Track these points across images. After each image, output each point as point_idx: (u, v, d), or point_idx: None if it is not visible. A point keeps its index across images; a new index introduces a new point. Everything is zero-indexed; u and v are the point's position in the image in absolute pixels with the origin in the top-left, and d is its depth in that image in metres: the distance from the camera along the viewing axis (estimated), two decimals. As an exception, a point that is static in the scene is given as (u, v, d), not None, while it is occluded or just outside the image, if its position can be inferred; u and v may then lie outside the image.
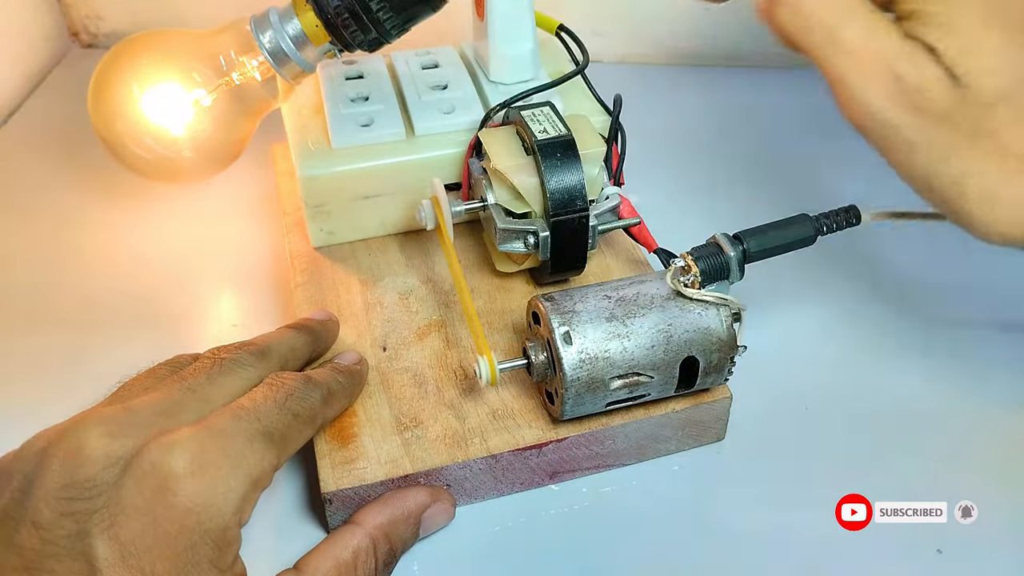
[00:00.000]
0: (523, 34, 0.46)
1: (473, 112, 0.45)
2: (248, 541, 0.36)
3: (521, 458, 0.37)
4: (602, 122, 0.45)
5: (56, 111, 0.62)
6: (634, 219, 0.42)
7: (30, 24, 0.66)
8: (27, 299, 0.48)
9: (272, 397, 0.31)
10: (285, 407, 0.31)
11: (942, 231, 0.45)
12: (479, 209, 0.42)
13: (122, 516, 0.26)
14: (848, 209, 0.39)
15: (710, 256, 0.37)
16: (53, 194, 0.55)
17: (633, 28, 0.68)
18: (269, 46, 0.43)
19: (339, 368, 0.36)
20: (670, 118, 0.62)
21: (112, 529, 0.26)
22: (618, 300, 0.36)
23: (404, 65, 0.49)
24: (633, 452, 0.39)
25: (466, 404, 0.38)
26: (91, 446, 0.27)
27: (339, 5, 0.40)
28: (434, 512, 0.35)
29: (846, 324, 0.46)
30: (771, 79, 0.67)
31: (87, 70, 0.46)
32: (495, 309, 0.42)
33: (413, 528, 0.34)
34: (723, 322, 0.36)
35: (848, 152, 0.59)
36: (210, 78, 0.45)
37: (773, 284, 0.46)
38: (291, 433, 0.31)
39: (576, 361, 0.35)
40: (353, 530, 0.32)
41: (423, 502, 0.34)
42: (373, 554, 0.32)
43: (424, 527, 0.35)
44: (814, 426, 0.41)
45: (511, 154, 0.40)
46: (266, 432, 0.30)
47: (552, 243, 0.40)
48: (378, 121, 0.45)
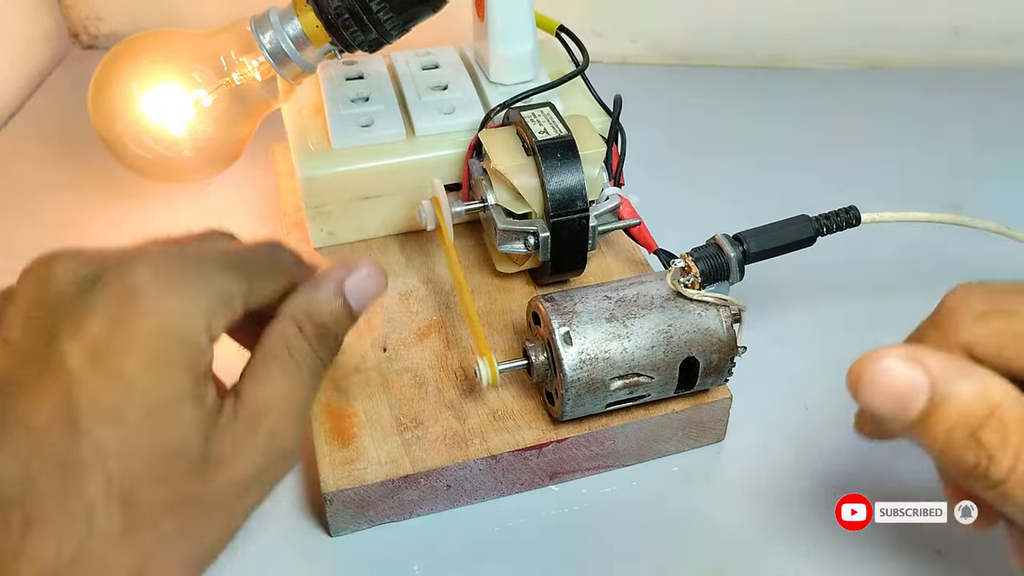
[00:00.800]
0: (523, 35, 0.46)
1: (473, 113, 0.45)
2: (248, 541, 0.36)
3: (521, 459, 0.37)
4: (602, 123, 0.45)
5: (56, 112, 0.62)
6: (634, 220, 0.42)
7: (30, 25, 0.66)
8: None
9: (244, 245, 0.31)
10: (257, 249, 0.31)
11: (942, 231, 0.45)
12: (479, 210, 0.42)
13: (89, 321, 0.25)
14: (848, 209, 0.39)
15: (710, 257, 0.37)
16: (54, 194, 0.55)
17: (633, 29, 0.68)
18: (269, 46, 0.43)
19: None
20: (670, 119, 0.62)
21: (80, 333, 0.25)
22: (618, 301, 0.36)
23: (404, 66, 0.49)
24: (633, 453, 0.39)
25: (466, 405, 0.38)
26: (61, 268, 0.27)
27: (339, 5, 0.40)
28: (356, 281, 0.31)
29: (846, 324, 0.46)
30: (771, 79, 0.67)
31: (87, 71, 0.46)
32: (495, 310, 0.42)
33: (338, 301, 0.31)
34: (723, 323, 0.36)
35: (848, 152, 0.59)
36: (210, 78, 0.45)
37: (773, 284, 0.46)
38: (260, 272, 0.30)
39: (576, 362, 0.35)
40: (272, 324, 0.30)
41: (337, 276, 0.31)
42: (297, 333, 0.30)
43: (355, 299, 0.31)
44: (814, 426, 0.41)
45: (511, 155, 0.40)
46: (235, 263, 0.29)
47: (552, 244, 0.40)
48: (378, 121, 0.45)
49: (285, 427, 0.28)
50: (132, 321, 0.26)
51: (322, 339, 0.30)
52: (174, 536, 0.25)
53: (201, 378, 0.26)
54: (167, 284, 0.26)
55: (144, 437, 0.25)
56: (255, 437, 0.27)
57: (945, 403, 0.24)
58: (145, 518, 0.25)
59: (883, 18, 0.67)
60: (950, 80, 0.66)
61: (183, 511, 0.26)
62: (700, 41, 0.68)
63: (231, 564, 0.36)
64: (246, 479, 0.27)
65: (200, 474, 0.26)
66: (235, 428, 0.27)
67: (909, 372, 0.24)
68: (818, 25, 0.67)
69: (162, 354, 0.26)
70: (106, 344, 0.25)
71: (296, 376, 0.29)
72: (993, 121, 0.62)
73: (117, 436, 0.25)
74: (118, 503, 0.24)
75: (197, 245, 0.30)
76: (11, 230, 0.52)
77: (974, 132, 0.61)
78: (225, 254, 0.29)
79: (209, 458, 0.26)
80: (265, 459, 0.28)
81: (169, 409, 0.25)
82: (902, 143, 0.60)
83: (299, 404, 0.29)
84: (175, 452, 0.25)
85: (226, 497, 0.27)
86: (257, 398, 0.28)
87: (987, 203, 0.54)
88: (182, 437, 0.26)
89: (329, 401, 0.38)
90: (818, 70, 0.68)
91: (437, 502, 0.37)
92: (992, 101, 0.64)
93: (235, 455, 0.27)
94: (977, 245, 0.49)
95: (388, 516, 0.36)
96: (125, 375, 0.25)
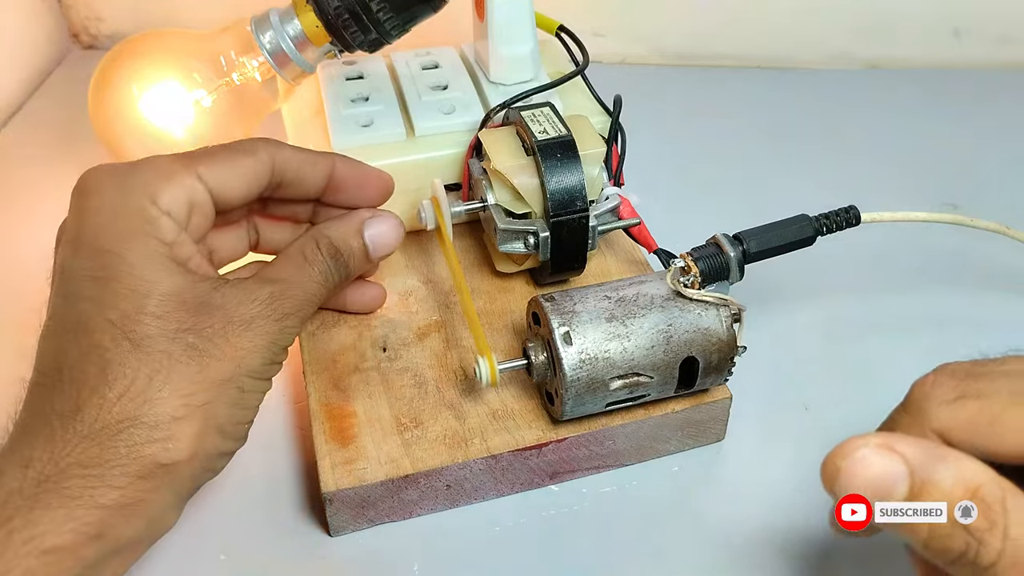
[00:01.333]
0: (523, 35, 0.46)
1: (473, 112, 0.45)
2: (248, 541, 0.36)
3: (521, 458, 0.37)
4: (602, 122, 0.45)
5: (57, 112, 0.62)
6: (634, 219, 0.42)
7: (31, 25, 0.66)
8: (28, 300, 0.48)
9: None
10: (215, 146, 0.36)
11: (942, 231, 0.45)
12: (479, 209, 0.42)
13: (67, 225, 0.33)
14: (848, 209, 0.39)
15: (710, 256, 0.37)
16: (54, 195, 0.55)
17: (633, 29, 0.68)
18: (269, 47, 0.43)
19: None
20: (670, 119, 0.62)
21: (63, 237, 0.33)
22: (618, 300, 0.36)
23: (404, 66, 0.49)
24: (633, 452, 0.39)
25: (466, 404, 0.38)
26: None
27: (339, 6, 0.40)
28: (376, 227, 0.37)
29: (846, 324, 0.46)
30: (771, 79, 0.67)
31: (88, 71, 0.46)
32: (495, 310, 0.42)
33: (355, 236, 0.37)
34: (723, 322, 0.36)
35: (848, 152, 0.59)
36: (210, 79, 0.45)
37: (773, 284, 0.46)
38: (213, 155, 0.34)
39: (576, 361, 0.35)
40: (301, 238, 0.36)
41: (360, 217, 0.37)
42: (315, 246, 0.35)
43: (373, 244, 0.37)
44: (814, 426, 0.41)
45: (511, 154, 0.40)
46: (183, 153, 0.34)
47: (552, 244, 0.40)
48: (378, 122, 0.45)
49: (286, 297, 0.33)
50: (85, 210, 0.32)
51: (335, 256, 0.36)
52: (180, 356, 0.31)
53: (167, 244, 0.32)
54: (107, 175, 0.33)
55: (128, 287, 0.31)
56: (258, 292, 0.33)
57: (925, 491, 0.24)
58: (152, 345, 0.30)
59: (883, 18, 0.67)
60: (950, 80, 0.66)
61: (185, 339, 0.31)
62: (700, 41, 0.68)
63: (231, 564, 0.36)
64: (244, 319, 0.32)
65: (196, 311, 0.31)
66: (243, 284, 0.33)
67: (886, 462, 0.24)
68: (818, 25, 0.67)
69: (114, 224, 0.31)
70: (76, 235, 0.32)
71: (305, 270, 0.35)
72: (993, 121, 0.62)
73: (107, 292, 0.31)
74: (123, 336, 0.30)
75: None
76: (11, 230, 0.52)
77: (974, 132, 0.61)
78: (176, 153, 0.35)
79: (209, 302, 0.32)
80: (264, 310, 0.33)
81: (144, 265, 0.31)
82: (902, 143, 0.60)
83: (303, 289, 0.34)
84: (163, 295, 0.31)
85: (228, 331, 0.32)
86: (267, 273, 0.34)
87: (987, 203, 0.54)
88: (164, 283, 0.31)
89: (329, 401, 0.38)
90: (818, 70, 0.68)
91: (437, 502, 0.37)
92: (992, 101, 0.64)
93: (237, 302, 0.32)
94: (977, 245, 0.49)
95: (388, 516, 0.36)
96: (96, 246, 0.31)
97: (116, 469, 0.29)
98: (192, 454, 0.30)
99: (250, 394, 0.32)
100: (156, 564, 0.35)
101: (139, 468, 0.29)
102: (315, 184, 0.37)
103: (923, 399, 0.27)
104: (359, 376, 0.39)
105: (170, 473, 0.30)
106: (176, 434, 0.30)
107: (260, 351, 0.32)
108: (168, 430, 0.30)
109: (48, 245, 0.35)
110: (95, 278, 0.31)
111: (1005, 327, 0.46)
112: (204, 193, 0.33)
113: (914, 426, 0.26)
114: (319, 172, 0.37)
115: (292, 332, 0.34)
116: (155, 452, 0.30)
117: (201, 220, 0.34)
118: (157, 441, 0.30)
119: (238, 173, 0.34)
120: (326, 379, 0.39)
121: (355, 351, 0.40)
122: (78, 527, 0.28)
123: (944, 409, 0.26)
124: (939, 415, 0.26)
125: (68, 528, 0.28)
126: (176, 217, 0.32)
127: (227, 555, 0.36)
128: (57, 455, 0.29)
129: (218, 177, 0.34)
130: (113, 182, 0.32)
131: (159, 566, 0.35)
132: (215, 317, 0.32)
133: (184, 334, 0.31)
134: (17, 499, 0.28)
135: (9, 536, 0.27)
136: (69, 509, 0.28)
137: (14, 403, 0.32)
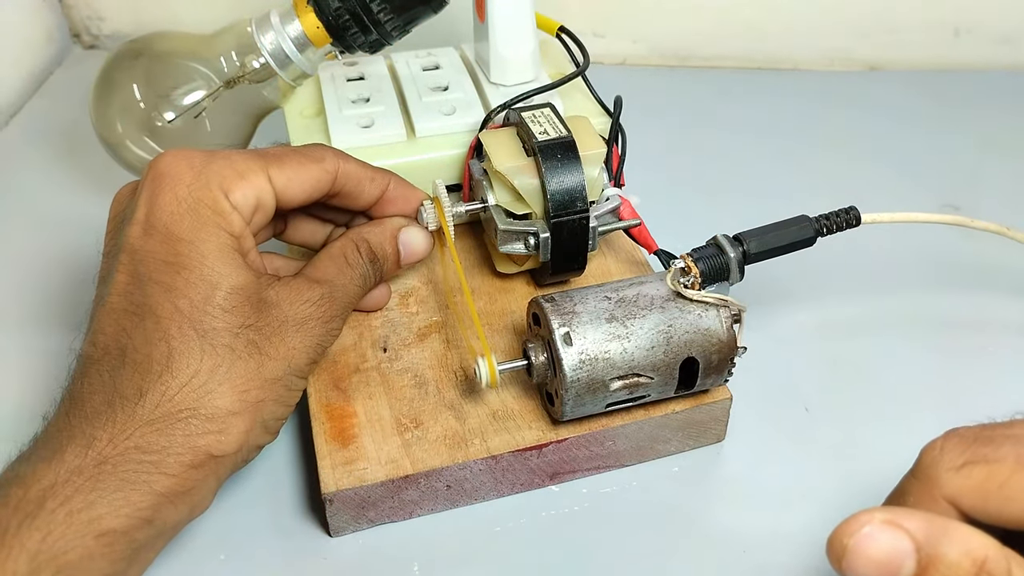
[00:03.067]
0: (524, 36, 0.46)
1: (474, 113, 0.45)
2: (248, 541, 0.36)
3: (521, 459, 0.37)
4: (602, 123, 0.45)
5: (58, 112, 0.62)
6: (634, 220, 0.42)
7: (32, 25, 0.66)
8: (28, 300, 0.48)
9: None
10: (283, 147, 0.38)
11: (942, 232, 0.45)
12: (480, 210, 0.42)
13: (136, 207, 0.33)
14: (848, 210, 0.39)
15: (710, 257, 0.37)
16: (54, 195, 0.55)
17: (634, 30, 0.68)
18: (270, 48, 0.43)
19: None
20: (670, 119, 0.62)
21: (132, 217, 0.33)
22: (618, 301, 0.36)
23: (405, 66, 0.49)
24: (633, 453, 0.39)
25: (466, 405, 0.38)
26: (123, 191, 0.36)
27: (340, 7, 0.40)
28: (409, 232, 0.39)
29: (846, 324, 0.46)
30: (771, 80, 0.67)
31: (89, 71, 0.46)
32: (495, 310, 0.42)
33: (391, 242, 0.39)
34: (723, 323, 0.36)
35: (848, 152, 0.59)
36: (211, 79, 0.45)
37: (773, 285, 0.46)
38: (281, 156, 0.36)
39: (576, 362, 0.35)
40: (335, 241, 0.38)
41: (397, 223, 0.39)
42: (355, 249, 0.37)
43: (405, 249, 0.39)
44: (814, 426, 0.41)
45: (512, 155, 0.40)
46: (253, 150, 0.36)
47: (552, 244, 0.40)
48: (379, 122, 0.45)
49: (334, 299, 0.35)
50: (159, 195, 0.33)
51: (373, 260, 0.38)
52: (242, 352, 0.32)
53: (235, 237, 0.33)
54: (183, 162, 0.33)
55: (200, 276, 0.32)
56: (309, 293, 0.34)
57: (932, 566, 0.23)
58: (216, 338, 0.31)
59: (883, 19, 0.67)
60: (950, 81, 0.66)
61: (247, 335, 0.32)
62: (700, 42, 0.68)
63: (231, 564, 0.36)
64: (298, 319, 0.33)
65: (257, 308, 0.33)
66: (294, 284, 0.34)
67: (892, 539, 0.23)
68: (818, 25, 0.67)
69: (189, 213, 0.32)
70: (148, 217, 0.32)
71: (348, 272, 0.36)
72: (993, 122, 0.62)
73: (178, 279, 0.32)
74: (190, 326, 0.31)
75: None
76: (12, 230, 0.52)
77: (974, 133, 0.61)
78: (246, 148, 0.36)
79: (267, 299, 0.33)
80: (315, 311, 0.34)
81: (215, 257, 0.32)
82: (902, 143, 0.60)
83: (345, 293, 0.36)
84: (231, 288, 0.32)
85: (284, 330, 0.33)
86: (314, 274, 0.36)
87: (987, 204, 0.54)
88: (233, 277, 0.32)
89: (329, 401, 0.38)
90: (818, 71, 0.68)
91: (437, 502, 0.37)
92: (992, 102, 0.64)
93: (289, 302, 0.34)
94: (977, 246, 0.49)
95: (388, 516, 0.37)
96: (170, 232, 0.32)
97: (172, 457, 0.30)
98: (239, 447, 0.32)
99: (294, 392, 0.34)
100: (156, 564, 0.35)
101: (192, 458, 0.31)
102: (370, 198, 0.38)
103: (932, 466, 0.26)
104: (359, 376, 0.39)
105: (218, 464, 0.31)
106: (229, 427, 0.31)
107: (308, 351, 0.34)
108: (223, 423, 0.31)
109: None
110: (167, 263, 0.32)
111: (1005, 327, 0.46)
112: (270, 193, 0.35)
113: (924, 493, 0.26)
114: (376, 188, 0.38)
115: (336, 333, 0.35)
116: (209, 443, 0.31)
117: (262, 218, 0.35)
118: (211, 433, 0.31)
119: (304, 178, 0.36)
120: (326, 379, 0.39)
121: (355, 351, 0.40)
122: (132, 511, 0.29)
123: (953, 476, 0.26)
124: (949, 482, 0.26)
125: (124, 512, 0.29)
126: (243, 213, 0.34)
127: (227, 555, 0.36)
128: (117, 437, 0.30)
129: (286, 180, 0.35)
130: (190, 171, 0.33)
131: (159, 566, 0.35)
132: (272, 315, 0.33)
133: (247, 330, 0.32)
134: (77, 478, 0.29)
135: (69, 516, 0.28)
136: (126, 493, 0.29)
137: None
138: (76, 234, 0.52)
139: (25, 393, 0.42)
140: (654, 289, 0.37)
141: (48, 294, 0.48)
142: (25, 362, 0.44)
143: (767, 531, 0.37)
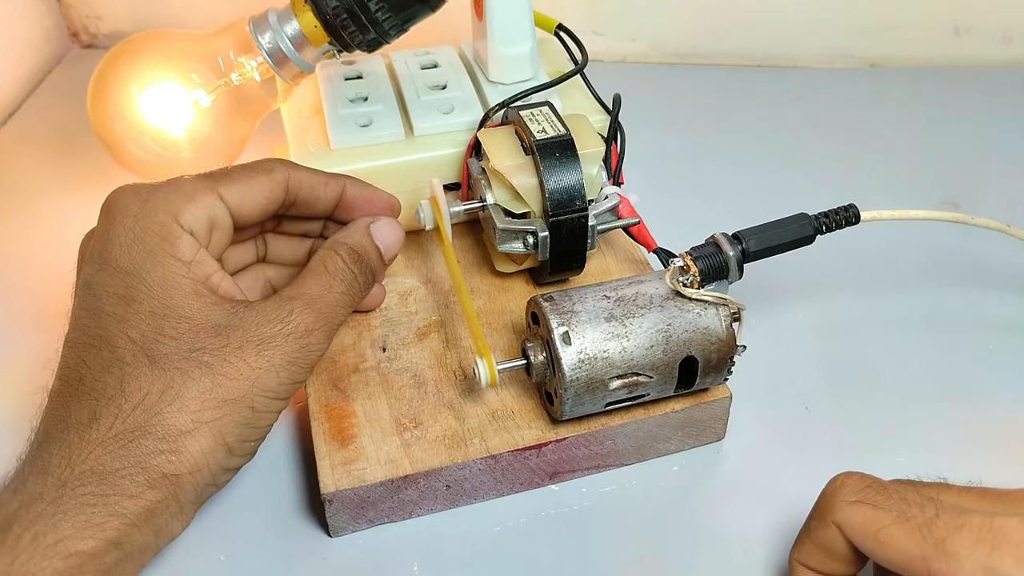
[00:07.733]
0: (522, 34, 0.46)
1: (472, 112, 0.45)
2: (248, 541, 0.36)
3: (521, 458, 0.37)
4: (601, 122, 0.45)
5: (56, 111, 0.62)
6: (633, 219, 0.42)
7: (30, 24, 0.66)
8: (27, 300, 0.48)
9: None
10: (235, 166, 0.38)
11: (942, 229, 0.45)
12: (478, 209, 0.42)
13: (92, 239, 0.35)
14: (848, 208, 0.39)
15: (709, 256, 0.37)
16: (52, 194, 0.55)
17: (632, 28, 0.68)
18: (268, 47, 0.43)
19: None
20: (669, 118, 0.62)
21: (85, 249, 0.36)
22: (617, 300, 0.36)
23: (403, 65, 0.49)
24: (633, 452, 0.39)
25: (466, 404, 0.38)
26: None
27: (338, 5, 0.40)
28: (380, 226, 0.38)
29: (846, 323, 0.46)
30: (771, 79, 0.67)
31: (87, 70, 0.46)
32: (495, 309, 0.42)
33: (367, 238, 0.38)
34: (722, 322, 0.36)
35: (848, 150, 0.59)
36: (209, 79, 0.45)
37: (773, 283, 0.46)
38: (231, 175, 0.36)
39: (575, 361, 0.35)
40: (319, 251, 0.37)
41: (365, 222, 0.38)
42: (334, 255, 0.36)
43: (383, 245, 0.38)
44: (814, 426, 0.41)
45: (510, 154, 0.40)
46: (204, 175, 0.36)
47: (551, 243, 0.40)
48: (377, 121, 0.45)
49: (308, 312, 0.34)
50: (110, 230, 0.34)
51: (356, 259, 0.37)
52: (193, 373, 0.32)
53: (186, 263, 0.33)
54: (131, 195, 0.34)
55: (148, 309, 0.32)
56: (278, 311, 0.33)
57: None
58: (167, 362, 0.32)
59: (884, 17, 0.67)
60: (950, 79, 0.66)
61: (199, 357, 0.32)
62: (700, 40, 0.68)
63: (231, 564, 0.36)
64: (262, 339, 0.33)
65: (213, 332, 0.32)
66: (261, 305, 0.34)
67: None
68: (818, 25, 0.67)
69: (137, 244, 0.33)
70: (101, 253, 0.33)
71: (328, 281, 0.35)
72: (993, 120, 0.62)
73: (129, 311, 0.32)
74: (143, 353, 0.32)
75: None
76: (10, 230, 0.52)
77: (974, 131, 0.61)
78: (198, 173, 0.36)
79: (225, 323, 0.33)
80: (283, 328, 0.33)
81: (162, 289, 0.33)
82: (902, 142, 0.60)
83: (326, 304, 0.35)
84: (179, 318, 0.32)
85: (243, 351, 0.32)
86: (288, 291, 0.35)
87: (987, 201, 0.54)
88: (181, 307, 0.32)
89: (328, 401, 0.38)
90: (818, 69, 0.68)
91: (437, 502, 0.37)
92: (992, 100, 0.64)
93: (256, 323, 0.33)
94: (977, 243, 0.49)
95: (388, 516, 0.36)
96: (120, 266, 0.33)
97: (127, 479, 0.30)
98: (196, 467, 0.31)
99: (262, 413, 0.33)
100: (156, 564, 0.35)
101: (147, 477, 0.30)
102: (326, 204, 0.38)
103: (832, 494, 0.30)
104: (359, 376, 0.39)
105: (174, 484, 0.31)
106: (182, 447, 0.31)
107: (276, 370, 0.33)
108: (175, 442, 0.31)
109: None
110: (119, 296, 0.33)
111: (1005, 327, 0.46)
112: (224, 211, 0.35)
113: (821, 515, 0.30)
114: (331, 192, 0.38)
115: (316, 348, 0.34)
116: (160, 463, 0.31)
117: (221, 237, 0.35)
118: (163, 452, 0.31)
119: (255, 191, 0.36)
120: (326, 379, 0.39)
121: (355, 351, 0.40)
122: (97, 533, 0.29)
123: (845, 507, 0.30)
124: (840, 511, 0.30)
125: (88, 534, 0.29)
126: (198, 235, 0.34)
127: (227, 556, 0.36)
128: (74, 461, 0.30)
129: (237, 196, 0.35)
130: (136, 202, 0.34)
131: (160, 566, 0.35)
132: (232, 337, 0.32)
133: (199, 353, 0.32)
134: (40, 504, 0.29)
135: (35, 540, 0.28)
136: (88, 516, 0.29)
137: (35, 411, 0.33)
138: (74, 233, 0.51)
139: (24, 393, 0.42)
140: (653, 288, 0.37)
141: (46, 294, 0.48)
142: (21, 362, 0.44)
143: (767, 530, 0.36)
